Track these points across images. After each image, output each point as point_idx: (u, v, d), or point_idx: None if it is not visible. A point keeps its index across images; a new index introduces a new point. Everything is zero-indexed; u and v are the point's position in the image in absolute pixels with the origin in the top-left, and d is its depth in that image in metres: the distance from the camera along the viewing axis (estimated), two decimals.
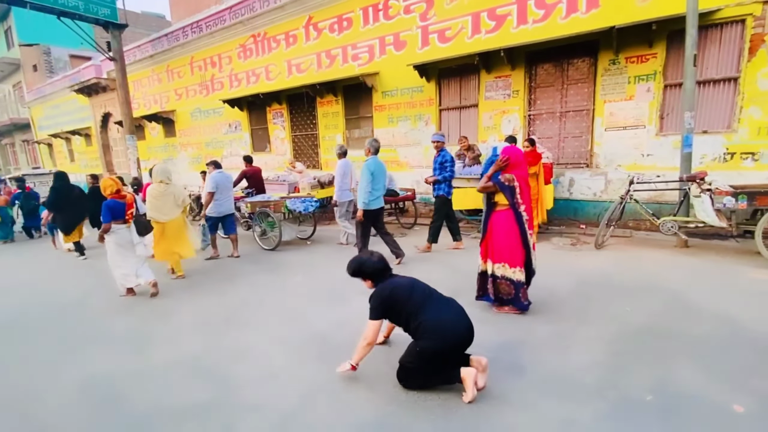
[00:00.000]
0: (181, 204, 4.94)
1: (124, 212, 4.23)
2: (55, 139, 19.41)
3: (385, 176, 5.05)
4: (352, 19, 8.49)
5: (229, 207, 5.95)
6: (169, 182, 4.86)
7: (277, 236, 6.18)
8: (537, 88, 6.83)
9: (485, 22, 6.91)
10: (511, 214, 3.29)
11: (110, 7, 11.49)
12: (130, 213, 4.30)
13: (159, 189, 4.77)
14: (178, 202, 4.90)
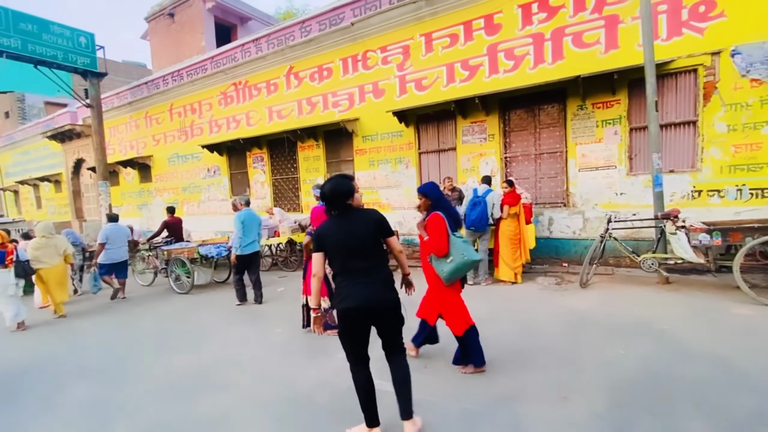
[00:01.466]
0: (62, 254, 5.85)
1: (4, 258, 5.16)
2: (23, 186, 18.69)
3: (257, 226, 5.82)
4: (332, 69, 8.80)
5: (120, 255, 6.79)
6: (50, 236, 5.78)
7: (190, 281, 6.77)
8: (511, 132, 7.12)
9: (459, 72, 7.28)
10: None
11: (90, 57, 11.58)
12: (9, 259, 5.20)
13: (40, 242, 5.68)
14: (59, 252, 5.81)
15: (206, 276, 7.29)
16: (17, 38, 10.01)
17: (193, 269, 6.74)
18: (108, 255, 6.61)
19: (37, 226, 5.88)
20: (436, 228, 2.91)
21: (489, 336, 3.85)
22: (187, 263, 6.72)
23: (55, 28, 10.83)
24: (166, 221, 7.83)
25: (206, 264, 7.23)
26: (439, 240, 2.88)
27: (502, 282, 5.75)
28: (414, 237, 8.10)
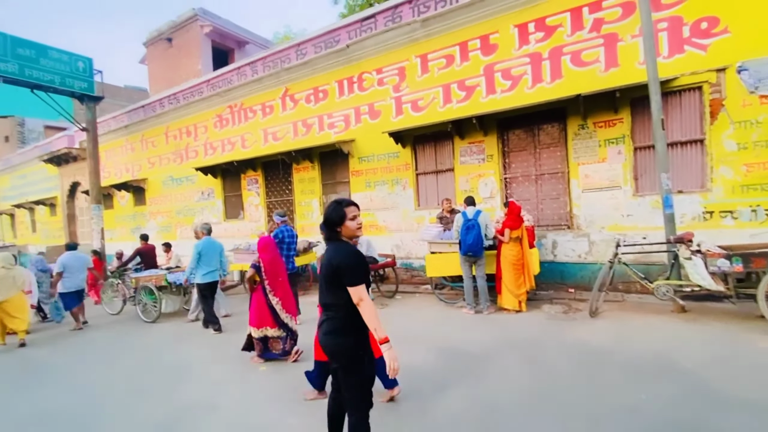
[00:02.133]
0: (20, 285, 5.78)
1: None
2: (18, 210, 18.51)
3: (218, 254, 5.72)
4: (328, 91, 8.70)
5: (78, 284, 6.62)
6: (10, 267, 5.72)
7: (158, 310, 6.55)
8: (510, 152, 6.91)
9: (456, 93, 7.14)
10: (259, 288, 4.11)
11: (87, 81, 11.56)
12: None
13: (1, 273, 5.58)
14: (17, 283, 5.74)
15: (174, 304, 7.00)
16: (15, 63, 10.00)
17: (160, 297, 6.56)
18: (65, 284, 6.47)
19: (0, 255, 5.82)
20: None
21: (492, 373, 3.49)
22: (155, 291, 6.52)
23: (53, 53, 10.85)
24: (139, 248, 7.73)
25: (175, 292, 6.93)
26: None
27: (505, 310, 5.39)
28: (412, 261, 7.77)
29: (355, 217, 2.06)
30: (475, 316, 5.33)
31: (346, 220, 2.03)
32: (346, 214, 2.03)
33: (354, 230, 2.05)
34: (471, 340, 4.38)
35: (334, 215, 2.04)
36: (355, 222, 2.05)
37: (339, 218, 2.03)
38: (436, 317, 5.50)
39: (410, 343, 4.41)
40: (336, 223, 2.04)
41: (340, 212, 2.04)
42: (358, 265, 1.96)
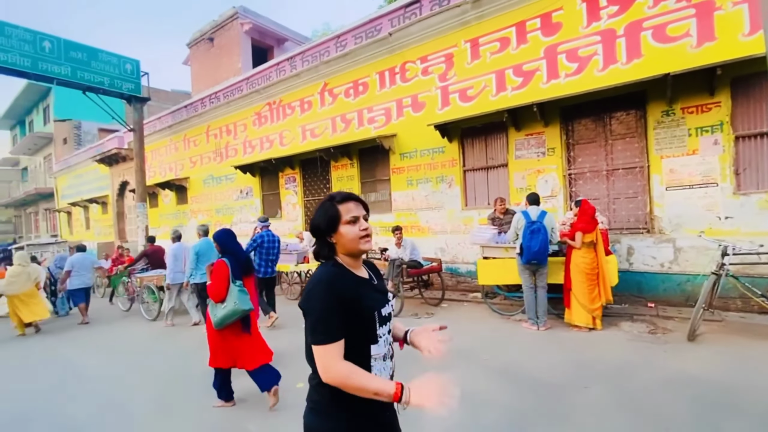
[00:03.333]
0: (33, 280, 6.57)
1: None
2: (74, 208, 19.61)
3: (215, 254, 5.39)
4: (368, 84, 8.23)
5: (85, 282, 7.29)
6: (26, 265, 6.58)
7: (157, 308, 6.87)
8: (576, 144, 6.07)
9: (511, 79, 6.41)
10: None
11: (134, 83, 11.85)
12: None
13: (17, 270, 6.45)
14: (31, 279, 6.52)
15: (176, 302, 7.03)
16: (68, 66, 10.34)
17: (161, 296, 6.82)
18: (72, 282, 7.12)
19: (15, 255, 6.81)
20: (217, 274, 3.10)
21: (581, 412, 2.78)
22: (155, 290, 6.87)
23: (103, 56, 11.17)
24: (145, 251, 7.85)
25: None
26: (218, 286, 3.06)
27: (575, 327, 4.61)
28: (459, 265, 7.10)
29: (356, 219, 1.26)
30: (539, 333, 4.59)
31: (341, 225, 1.25)
32: (340, 215, 1.26)
33: (355, 241, 1.25)
34: (542, 364, 3.68)
35: (322, 217, 1.28)
36: (357, 227, 1.25)
37: (329, 222, 1.26)
38: (492, 331, 4.82)
39: (465, 363, 3.78)
40: (325, 230, 1.28)
41: (331, 212, 1.27)
42: (322, 309, 1.17)
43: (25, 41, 9.33)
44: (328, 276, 1.22)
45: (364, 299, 1.22)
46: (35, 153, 24.40)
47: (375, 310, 1.24)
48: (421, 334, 1.36)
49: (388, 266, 5.78)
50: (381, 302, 1.29)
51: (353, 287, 1.23)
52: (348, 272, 1.27)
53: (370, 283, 1.33)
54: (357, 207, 1.29)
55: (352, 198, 1.30)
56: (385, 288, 1.42)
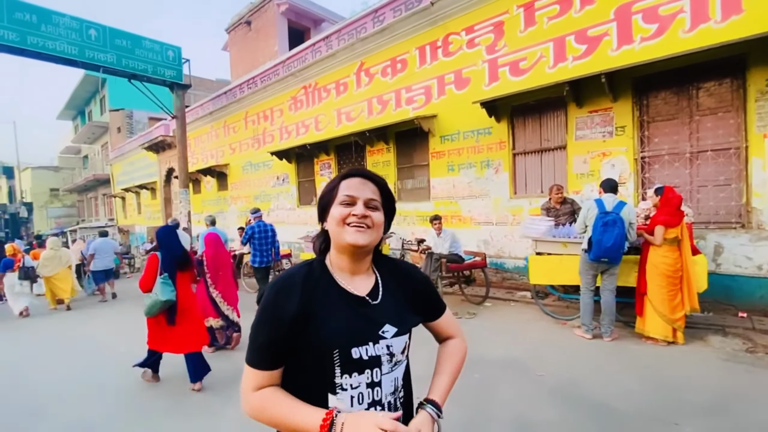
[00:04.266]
0: (65, 263, 7.47)
1: (13, 264, 7.29)
2: (128, 193, 20.70)
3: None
4: (407, 60, 7.60)
5: (106, 264, 8.00)
6: (57, 249, 7.46)
7: None
8: (652, 122, 5.15)
9: (572, 47, 5.54)
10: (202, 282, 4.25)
11: (176, 70, 11.97)
12: (16, 266, 7.26)
13: (50, 254, 7.29)
14: (62, 262, 7.39)
15: None
16: (113, 53, 10.56)
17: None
18: (95, 264, 7.88)
19: (48, 240, 7.79)
20: (147, 267, 3.40)
21: None
22: None
23: (146, 43, 11.32)
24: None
25: None
26: (145, 278, 3.37)
27: (649, 340, 3.86)
28: (505, 260, 6.43)
29: (351, 200, 0.92)
30: (605, 345, 3.90)
31: (332, 205, 0.94)
32: (336, 192, 0.95)
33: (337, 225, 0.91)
34: (613, 387, 3.02)
35: (321, 195, 1.00)
36: (348, 212, 0.91)
37: (323, 200, 0.98)
38: (545, 339, 4.18)
39: (516, 378, 3.21)
40: (320, 212, 1.00)
41: (329, 187, 0.97)
42: (256, 324, 0.91)
43: (72, 29, 9.57)
44: (280, 281, 0.92)
45: (324, 327, 0.87)
46: (94, 142, 26.05)
47: (337, 347, 0.86)
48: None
49: (425, 259, 5.26)
50: (360, 337, 0.89)
51: (314, 305, 0.89)
52: (325, 279, 0.94)
53: (359, 304, 0.92)
54: (362, 186, 0.94)
55: (361, 174, 0.97)
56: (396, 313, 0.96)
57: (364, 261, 0.97)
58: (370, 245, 0.93)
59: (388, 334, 0.91)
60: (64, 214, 29.38)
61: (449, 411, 2.73)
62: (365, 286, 0.96)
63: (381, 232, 0.95)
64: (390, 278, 1.01)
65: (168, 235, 3.51)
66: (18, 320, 6.85)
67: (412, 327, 1.01)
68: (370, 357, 0.88)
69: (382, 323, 0.92)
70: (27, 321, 6.81)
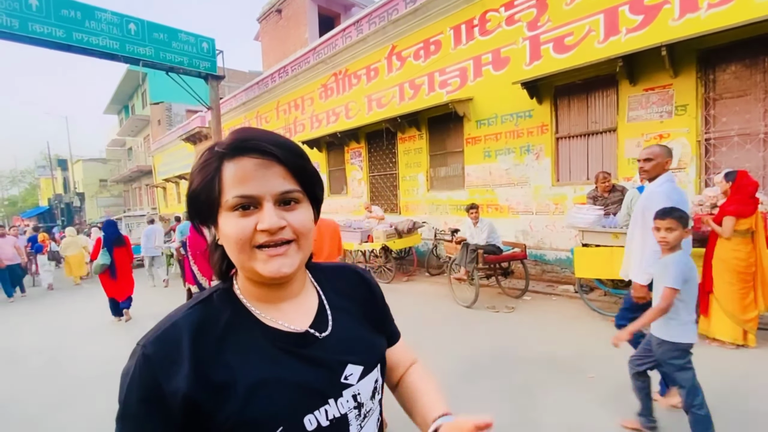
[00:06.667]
0: (81, 247, 9.39)
1: (42, 249, 9.61)
2: (168, 183, 21.61)
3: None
4: (441, 42, 7.26)
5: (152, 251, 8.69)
6: (74, 236, 9.66)
7: None
8: (719, 99, 4.59)
9: (626, 18, 5.02)
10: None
11: (210, 61, 12.19)
12: (45, 249, 9.57)
13: (68, 240, 9.48)
14: (79, 246, 9.39)
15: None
16: (151, 47, 10.85)
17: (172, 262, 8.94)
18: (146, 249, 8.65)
19: (66, 229, 10.07)
20: (96, 244, 5.70)
21: None
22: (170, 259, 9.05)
23: (182, 36, 11.57)
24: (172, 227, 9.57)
25: None
26: (94, 250, 5.68)
27: (715, 342, 3.48)
28: (545, 252, 6.07)
29: (252, 202, 0.57)
30: None
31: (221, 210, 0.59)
32: (219, 188, 0.58)
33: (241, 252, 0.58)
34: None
35: (194, 193, 0.60)
36: (251, 227, 0.56)
37: (198, 204, 0.60)
38: (593, 336, 3.87)
39: (566, 380, 2.96)
40: (194, 215, 0.63)
41: (202, 178, 0.59)
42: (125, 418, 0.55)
43: (113, 24, 9.89)
44: (149, 347, 0.55)
45: (253, 398, 0.55)
46: (137, 134, 27.35)
47: (280, 423, 0.55)
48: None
49: (461, 250, 5.03)
50: (312, 396, 0.59)
51: (227, 368, 0.56)
52: (238, 320, 0.60)
53: (300, 344, 0.61)
54: (261, 171, 0.56)
55: (254, 149, 0.56)
56: (357, 340, 0.67)
57: (294, 282, 0.65)
58: (301, 265, 0.62)
59: (353, 378, 0.63)
60: (112, 204, 31.22)
61: None
62: (304, 314, 0.64)
63: (311, 236, 0.62)
64: (330, 288, 0.71)
65: (108, 225, 5.84)
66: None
67: (383, 355, 0.71)
68: (331, 421, 0.59)
69: (342, 364, 0.63)
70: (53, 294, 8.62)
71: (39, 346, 4.87)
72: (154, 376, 0.53)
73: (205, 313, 0.59)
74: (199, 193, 0.58)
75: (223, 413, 0.53)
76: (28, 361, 4.35)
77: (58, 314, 6.71)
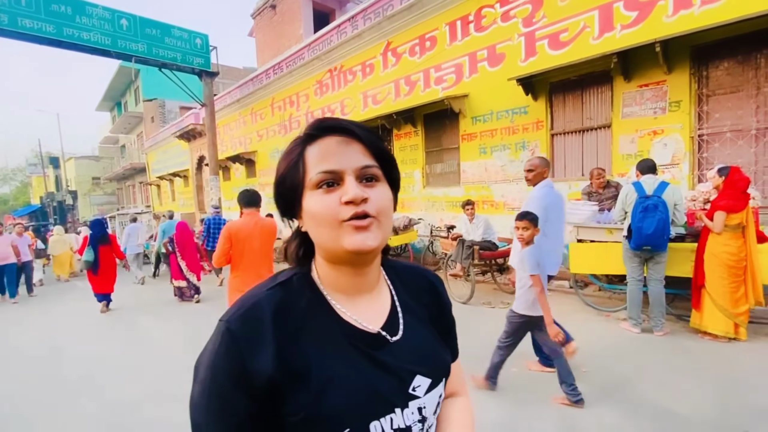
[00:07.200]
0: (67, 245, 9.90)
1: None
2: (162, 181, 21.45)
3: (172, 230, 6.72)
4: (436, 38, 7.24)
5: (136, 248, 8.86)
6: (61, 234, 10.05)
7: None
8: (712, 95, 4.63)
9: (621, 15, 5.04)
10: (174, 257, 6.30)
11: (204, 57, 12.07)
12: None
13: (55, 238, 9.85)
14: (66, 244, 9.87)
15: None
16: (144, 42, 10.72)
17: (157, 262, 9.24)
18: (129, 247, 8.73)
19: (54, 228, 10.48)
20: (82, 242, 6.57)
21: None
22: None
23: (175, 32, 11.43)
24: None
25: None
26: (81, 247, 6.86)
27: (707, 335, 3.52)
28: None
29: (335, 178, 0.57)
30: (656, 340, 3.59)
31: (305, 191, 0.59)
32: (304, 169, 0.59)
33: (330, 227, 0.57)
34: (670, 387, 2.75)
35: (280, 180, 0.62)
36: (336, 200, 0.56)
37: (286, 184, 0.61)
38: (589, 332, 3.90)
39: None
40: (282, 203, 0.64)
41: (288, 163, 0.61)
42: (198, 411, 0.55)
43: (105, 20, 9.75)
44: (235, 323, 0.55)
45: (327, 392, 0.54)
46: (130, 131, 27.07)
47: (348, 425, 0.54)
48: None
49: (457, 247, 5.05)
50: (381, 402, 0.57)
51: (304, 356, 0.55)
52: (316, 308, 0.59)
53: (372, 345, 0.59)
54: (343, 148, 0.58)
55: (337, 128, 0.59)
56: (427, 352, 0.64)
57: (372, 270, 0.63)
58: (382, 245, 0.59)
59: (420, 390, 0.60)
60: (106, 202, 30.93)
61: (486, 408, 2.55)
62: (377, 313, 0.63)
63: (391, 216, 0.61)
64: (406, 292, 0.68)
65: (95, 224, 6.24)
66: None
67: (449, 369, 0.68)
68: (395, 431, 0.57)
69: (412, 374, 0.60)
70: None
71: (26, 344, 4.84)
72: (240, 352, 0.53)
73: (285, 295, 0.59)
74: (285, 178, 0.60)
75: (296, 403, 0.53)
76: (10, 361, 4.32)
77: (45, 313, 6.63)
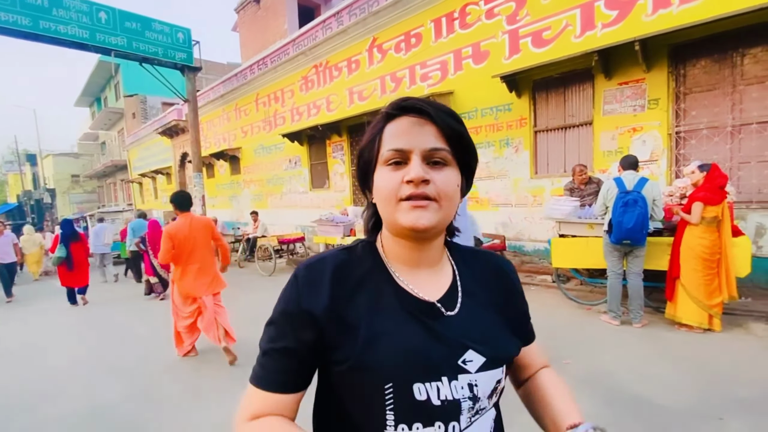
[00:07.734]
0: (38, 245, 10.09)
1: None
2: (144, 178, 20.99)
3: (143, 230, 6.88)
4: (422, 35, 7.24)
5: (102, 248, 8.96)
6: (31, 234, 10.11)
7: None
8: (689, 93, 4.75)
9: (602, 13, 5.13)
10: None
11: (186, 52, 11.81)
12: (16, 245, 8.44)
13: (26, 237, 9.78)
14: (36, 244, 10.05)
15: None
16: (123, 36, 10.44)
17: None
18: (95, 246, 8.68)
19: (24, 227, 10.34)
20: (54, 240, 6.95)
21: None
22: None
23: (156, 25, 11.15)
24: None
25: None
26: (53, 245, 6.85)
27: (683, 326, 3.63)
28: (524, 243, 6.19)
29: (402, 158, 0.60)
30: (635, 332, 3.68)
31: (377, 165, 0.63)
32: (377, 146, 0.63)
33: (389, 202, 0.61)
34: (646, 376, 2.82)
35: (361, 153, 0.68)
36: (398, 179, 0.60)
37: (362, 158, 0.67)
38: (570, 325, 3.99)
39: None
40: (360, 175, 0.70)
41: (369, 138, 0.65)
42: (268, 325, 0.65)
43: (83, 12, 9.46)
44: (302, 269, 0.65)
45: (373, 344, 0.58)
46: (110, 128, 26.38)
47: (391, 379, 0.57)
48: None
49: None
50: (428, 367, 0.58)
51: (355, 308, 0.61)
52: (375, 272, 0.65)
53: (427, 314, 0.61)
54: (416, 129, 0.59)
55: (413, 108, 0.60)
56: (485, 331, 0.64)
57: (432, 247, 0.66)
58: (439, 226, 0.61)
59: (472, 366, 0.60)
60: (86, 200, 30.13)
61: None
62: (436, 287, 0.65)
63: (456, 202, 0.62)
64: (470, 275, 0.69)
65: (65, 223, 6.78)
66: None
67: (512, 357, 0.68)
68: (443, 401, 0.58)
69: (464, 347, 0.61)
70: None
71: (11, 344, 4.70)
72: (299, 293, 0.62)
73: (349, 258, 0.66)
74: (364, 150, 0.66)
75: (343, 352, 0.59)
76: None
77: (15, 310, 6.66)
